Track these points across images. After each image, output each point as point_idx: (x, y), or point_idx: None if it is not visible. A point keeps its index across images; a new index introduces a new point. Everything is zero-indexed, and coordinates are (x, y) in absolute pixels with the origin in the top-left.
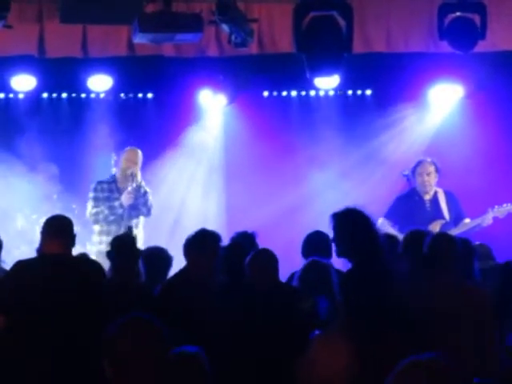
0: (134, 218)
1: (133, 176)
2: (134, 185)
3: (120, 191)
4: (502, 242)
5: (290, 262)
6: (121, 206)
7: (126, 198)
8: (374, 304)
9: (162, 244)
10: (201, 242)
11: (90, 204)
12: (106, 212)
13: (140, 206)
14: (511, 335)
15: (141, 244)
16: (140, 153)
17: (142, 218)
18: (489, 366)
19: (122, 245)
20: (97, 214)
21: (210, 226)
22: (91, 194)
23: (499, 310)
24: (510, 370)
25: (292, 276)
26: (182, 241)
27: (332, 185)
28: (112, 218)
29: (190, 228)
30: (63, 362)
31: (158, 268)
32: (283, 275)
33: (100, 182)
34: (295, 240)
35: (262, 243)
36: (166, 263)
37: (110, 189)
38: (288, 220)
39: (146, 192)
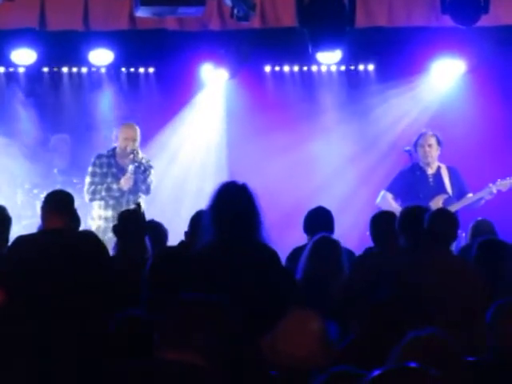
0: (131, 194)
1: (134, 154)
2: (135, 165)
3: (119, 167)
4: (504, 217)
5: (289, 231)
6: (119, 190)
7: (125, 182)
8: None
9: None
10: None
11: (87, 179)
12: (104, 194)
13: (139, 183)
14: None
15: None
16: (137, 128)
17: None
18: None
19: (130, 220)
20: (94, 192)
21: None
22: (90, 169)
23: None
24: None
25: (295, 252)
26: (181, 216)
27: (333, 159)
28: (108, 198)
29: (190, 203)
30: (64, 338)
31: (155, 242)
32: (282, 248)
33: (99, 156)
34: (295, 211)
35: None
36: (163, 237)
37: (108, 163)
38: (289, 192)
39: (145, 169)
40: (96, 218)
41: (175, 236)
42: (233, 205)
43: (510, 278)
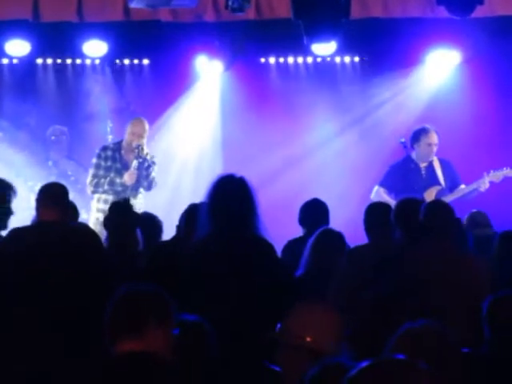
0: (133, 190)
1: (138, 149)
2: (139, 160)
3: (123, 161)
4: (499, 209)
5: (282, 223)
6: (121, 184)
7: (128, 178)
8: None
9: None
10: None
11: (91, 171)
12: (106, 187)
13: (141, 179)
14: None
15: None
16: (146, 124)
17: (142, 190)
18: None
19: (120, 212)
20: (96, 185)
21: None
22: (94, 160)
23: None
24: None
25: (290, 244)
26: (175, 208)
27: (327, 151)
28: (111, 192)
29: (184, 194)
30: (59, 329)
31: (150, 235)
32: (277, 241)
33: (104, 148)
34: (289, 202)
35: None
36: (158, 230)
37: (113, 157)
38: (284, 183)
39: (149, 165)
40: (94, 210)
41: (171, 228)
42: (230, 198)
43: None
